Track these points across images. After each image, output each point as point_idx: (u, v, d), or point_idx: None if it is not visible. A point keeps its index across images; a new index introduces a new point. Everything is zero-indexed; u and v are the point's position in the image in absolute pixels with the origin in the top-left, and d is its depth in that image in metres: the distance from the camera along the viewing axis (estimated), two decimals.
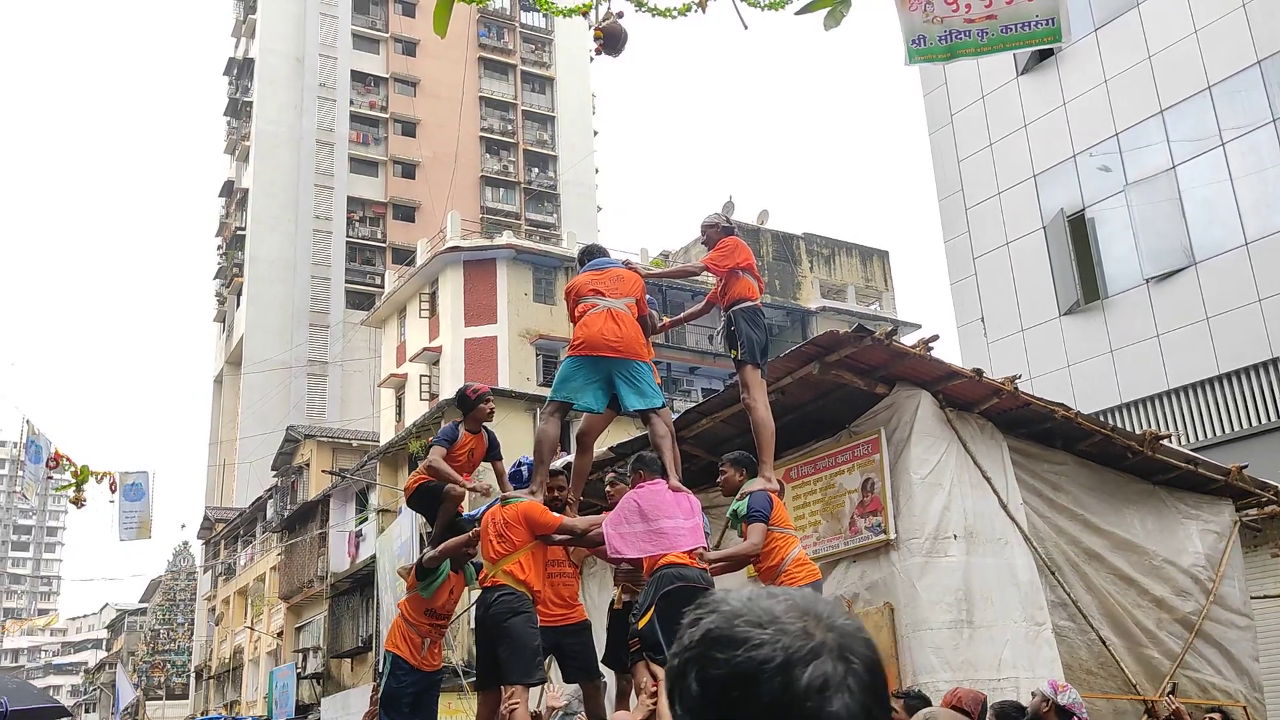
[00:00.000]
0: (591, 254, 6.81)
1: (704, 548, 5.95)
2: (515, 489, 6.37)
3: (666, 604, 5.54)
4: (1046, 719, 4.85)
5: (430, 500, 6.78)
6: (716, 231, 7.11)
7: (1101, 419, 10.48)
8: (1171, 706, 6.63)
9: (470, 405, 6.86)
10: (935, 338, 8.06)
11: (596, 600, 9.54)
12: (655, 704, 5.31)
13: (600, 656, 6.54)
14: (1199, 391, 14.95)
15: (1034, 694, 5.47)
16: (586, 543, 6.19)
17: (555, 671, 7.26)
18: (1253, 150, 14.67)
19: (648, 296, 6.84)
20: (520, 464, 6.68)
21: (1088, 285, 16.36)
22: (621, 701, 6.47)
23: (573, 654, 6.32)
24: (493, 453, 6.99)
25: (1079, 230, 16.56)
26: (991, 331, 17.63)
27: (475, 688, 6.23)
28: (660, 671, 5.44)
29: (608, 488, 7.07)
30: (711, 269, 6.99)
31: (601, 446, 9.93)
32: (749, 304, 6.86)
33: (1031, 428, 8.90)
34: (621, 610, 6.35)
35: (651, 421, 6.28)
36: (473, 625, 6.23)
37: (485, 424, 6.96)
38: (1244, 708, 8.98)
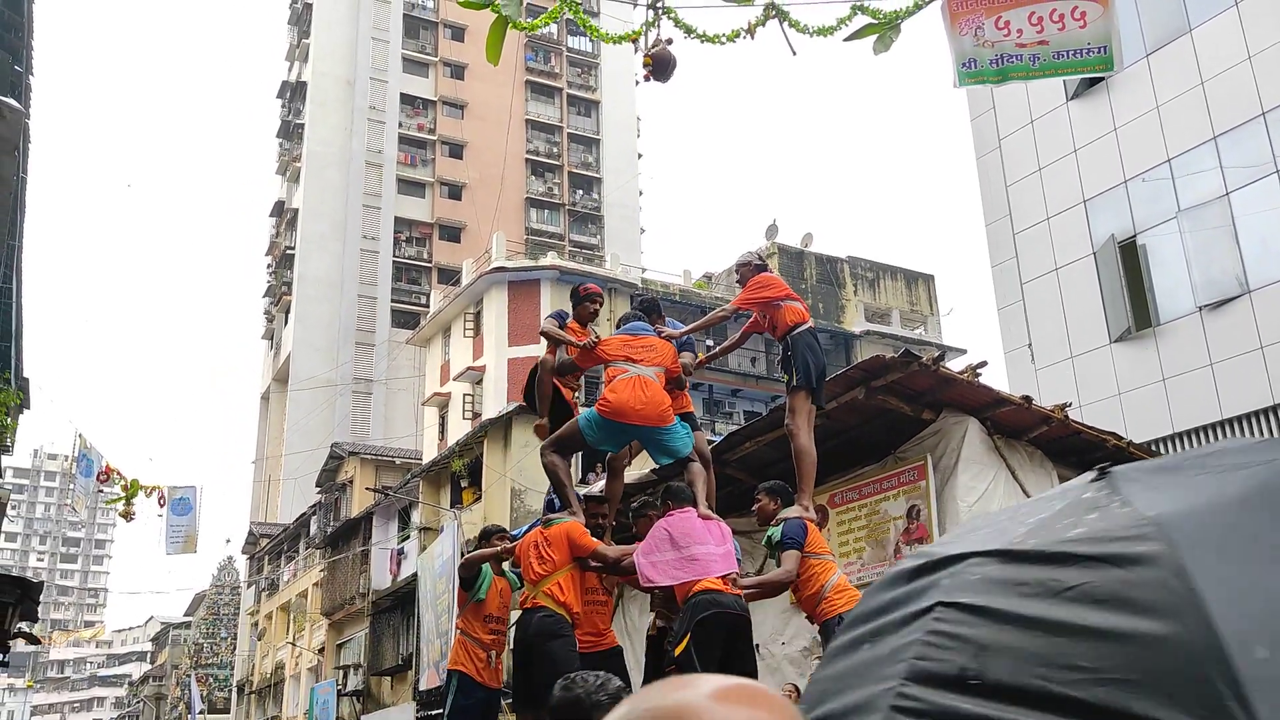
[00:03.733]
0: (628, 318, 6.89)
1: (737, 574, 5.92)
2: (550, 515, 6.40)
3: (702, 631, 5.51)
4: None
5: (529, 388, 7.00)
6: (749, 270, 7.22)
7: (1154, 449, 10.31)
8: None
9: (578, 300, 7.11)
10: (984, 364, 7.99)
11: (637, 623, 9.50)
12: None
13: (640, 683, 6.52)
14: (1253, 422, 14.65)
15: None
16: (619, 571, 6.20)
17: None
18: None
19: (688, 338, 7.15)
20: (553, 494, 6.71)
21: (1139, 312, 16.13)
22: None
23: None
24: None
25: (1130, 257, 16.34)
26: (1040, 358, 17.42)
27: (513, 709, 6.25)
28: None
29: (635, 519, 7.03)
30: (742, 307, 7.09)
31: (642, 470, 9.94)
32: (804, 327, 6.86)
33: (1082, 456, 8.78)
34: (657, 637, 6.34)
35: (687, 466, 6.37)
36: (512, 646, 6.26)
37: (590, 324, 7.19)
38: None
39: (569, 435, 6.43)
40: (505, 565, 6.73)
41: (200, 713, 44.54)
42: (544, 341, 7.16)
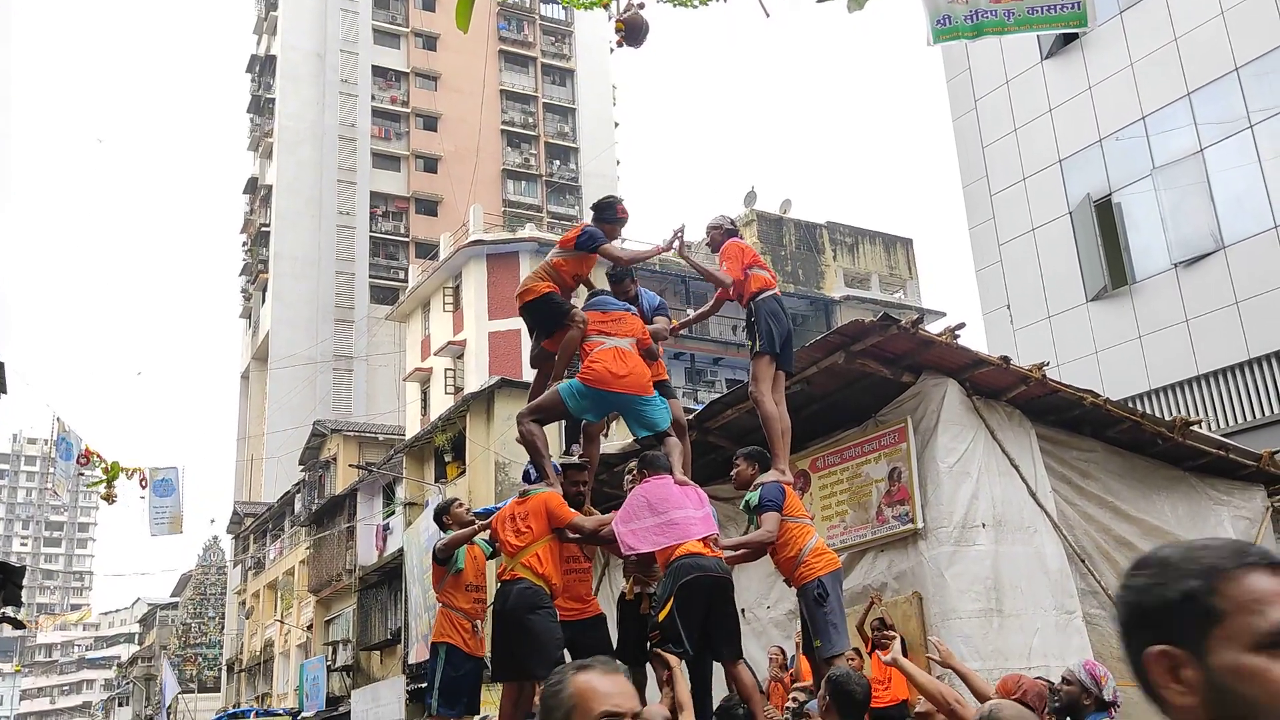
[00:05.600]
0: (603, 293, 6.81)
1: (718, 535, 5.94)
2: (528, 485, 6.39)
3: (685, 594, 5.52)
4: (1087, 711, 4.22)
5: (546, 316, 6.57)
6: (720, 234, 7.25)
7: (1130, 405, 10.39)
8: None
9: (612, 218, 6.85)
10: (961, 325, 8.01)
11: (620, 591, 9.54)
12: (676, 693, 5.27)
13: (617, 648, 6.54)
14: (1229, 377, 14.79)
15: (1067, 680, 5.14)
16: (598, 541, 6.19)
17: None
18: None
19: (661, 301, 7.18)
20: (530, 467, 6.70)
21: (1115, 271, 16.21)
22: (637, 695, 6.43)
23: (589, 648, 6.31)
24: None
25: (1106, 215, 16.40)
26: (1018, 319, 17.50)
27: (493, 679, 6.27)
28: (672, 658, 5.41)
29: (628, 481, 7.06)
30: (734, 275, 7.07)
31: (625, 439, 9.95)
32: (768, 294, 6.87)
33: (1060, 415, 8.84)
34: (633, 601, 6.34)
35: (663, 440, 6.36)
36: (491, 619, 6.26)
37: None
38: None
39: (548, 404, 6.41)
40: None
41: (181, 693, 44.44)
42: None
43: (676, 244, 6.96)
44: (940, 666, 5.62)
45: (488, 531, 6.53)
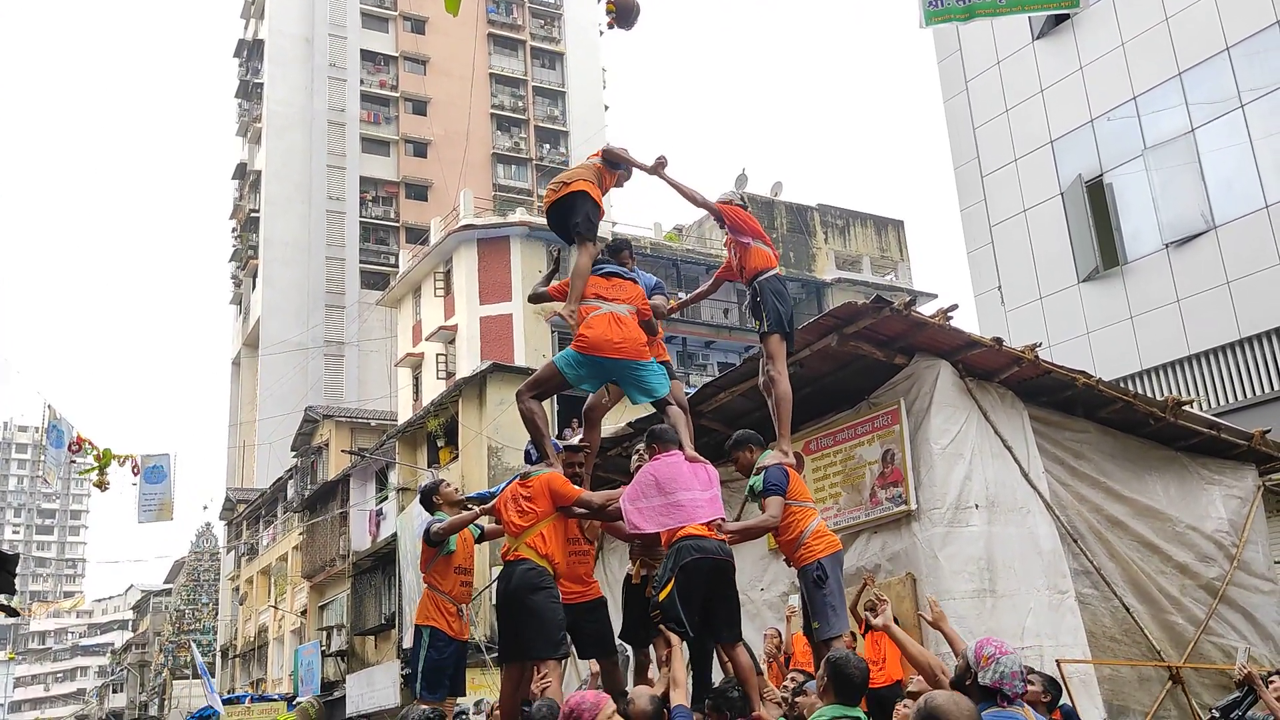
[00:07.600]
0: (604, 261, 6.79)
1: (722, 519, 5.93)
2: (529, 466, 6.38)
3: (686, 576, 5.53)
4: (969, 692, 3.96)
5: (584, 211, 6.68)
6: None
7: (1122, 386, 10.42)
8: (1244, 671, 6.51)
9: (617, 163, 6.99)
10: (954, 307, 8.00)
11: (617, 575, 9.55)
12: (672, 671, 5.29)
13: (618, 632, 6.55)
14: (1220, 356, 14.84)
15: (961, 656, 4.96)
16: (604, 517, 6.18)
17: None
18: (1273, 111, 14.48)
19: (658, 281, 7.13)
20: (531, 445, 6.69)
21: (1106, 251, 16.23)
22: (640, 676, 6.47)
23: (589, 631, 6.32)
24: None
25: (1097, 196, 16.41)
26: (1009, 300, 17.53)
27: (498, 662, 6.28)
28: (673, 637, 5.42)
29: (635, 460, 7.06)
30: (760, 235, 7.01)
31: (620, 422, 9.94)
32: (771, 273, 6.84)
33: (1052, 396, 8.85)
34: (639, 585, 6.34)
35: (664, 410, 6.32)
36: (494, 600, 6.27)
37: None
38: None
39: (546, 377, 6.39)
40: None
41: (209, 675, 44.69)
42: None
43: (659, 164, 7.01)
44: (931, 627, 5.62)
45: (487, 518, 6.52)
